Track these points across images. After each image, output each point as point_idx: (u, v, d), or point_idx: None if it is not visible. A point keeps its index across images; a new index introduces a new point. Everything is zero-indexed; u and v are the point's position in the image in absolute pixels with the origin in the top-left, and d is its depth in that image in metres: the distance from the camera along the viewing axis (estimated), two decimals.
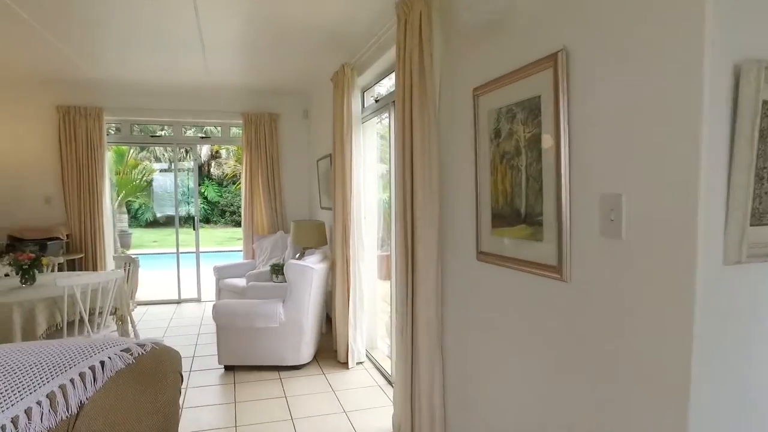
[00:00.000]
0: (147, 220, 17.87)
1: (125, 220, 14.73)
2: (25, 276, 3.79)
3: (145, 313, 6.12)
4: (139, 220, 18.05)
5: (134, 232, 15.07)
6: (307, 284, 3.98)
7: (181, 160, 18.86)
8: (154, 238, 16.19)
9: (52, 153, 5.94)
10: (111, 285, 3.64)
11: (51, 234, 5.58)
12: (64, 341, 1.96)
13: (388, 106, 3.80)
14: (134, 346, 1.92)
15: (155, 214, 17.54)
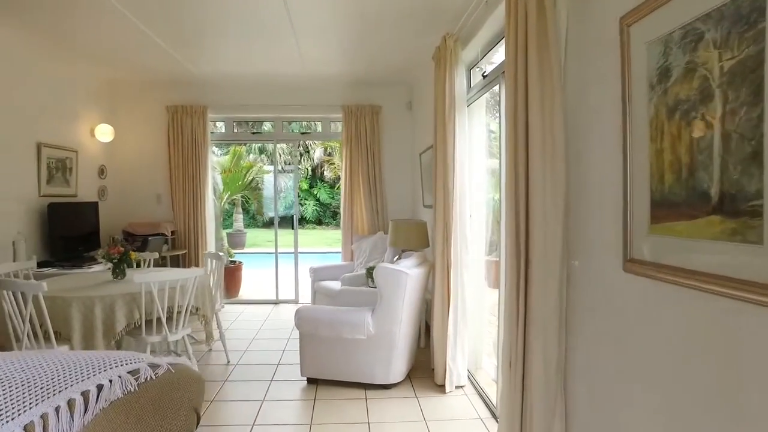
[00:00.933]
0: (263, 221, 18.70)
1: (241, 219, 15.49)
2: (116, 270, 3.70)
3: (241, 312, 6.01)
4: (257, 220, 18.97)
5: (249, 232, 15.82)
6: (400, 291, 3.42)
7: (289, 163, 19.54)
8: (269, 237, 16.82)
9: (163, 152, 6.07)
10: (190, 283, 3.39)
11: (157, 230, 5.67)
12: (67, 354, 1.59)
13: (498, 79, 3.11)
14: (145, 366, 1.47)
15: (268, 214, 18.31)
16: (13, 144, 4.33)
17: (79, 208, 5.11)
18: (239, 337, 4.90)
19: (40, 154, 4.64)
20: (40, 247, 4.62)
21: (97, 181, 5.73)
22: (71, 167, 5.14)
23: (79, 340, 3.13)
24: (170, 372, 1.45)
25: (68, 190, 5.10)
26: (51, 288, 3.37)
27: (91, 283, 3.59)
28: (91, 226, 5.30)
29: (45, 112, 4.75)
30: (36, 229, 4.59)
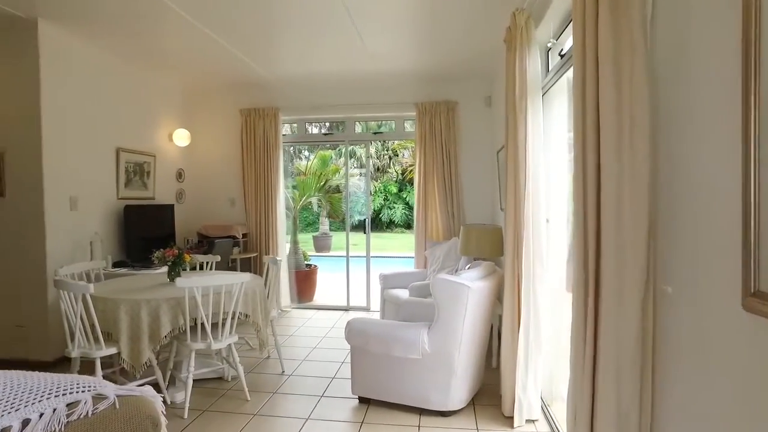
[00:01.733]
0: (352, 224, 18.88)
1: (327, 222, 15.67)
2: (171, 273, 3.65)
3: (310, 318, 5.85)
4: (345, 223, 19.23)
5: (335, 235, 15.97)
6: (459, 307, 2.99)
7: (378, 168, 19.50)
8: (354, 241, 16.89)
9: (237, 155, 6.12)
10: (235, 289, 3.22)
11: (229, 233, 5.70)
12: (11, 376, 1.39)
13: None
14: (88, 399, 1.22)
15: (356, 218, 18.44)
16: (94, 149, 4.51)
17: (154, 211, 5.25)
18: (300, 345, 4.72)
19: (119, 158, 4.81)
20: (117, 248, 4.78)
21: (175, 184, 5.89)
22: (149, 171, 5.30)
23: (126, 343, 3.08)
24: (114, 408, 1.18)
25: (146, 192, 5.26)
26: (105, 289, 3.39)
27: (148, 285, 3.56)
28: (167, 227, 5.43)
29: (124, 118, 4.92)
30: (114, 230, 4.76)
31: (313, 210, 17.89)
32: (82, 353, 3.06)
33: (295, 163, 18.10)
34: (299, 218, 20.37)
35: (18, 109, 4.00)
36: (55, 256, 4.03)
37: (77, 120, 4.30)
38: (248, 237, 6.06)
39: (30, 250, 4.00)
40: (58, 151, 4.09)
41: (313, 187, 7.11)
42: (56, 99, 4.06)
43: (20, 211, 4.01)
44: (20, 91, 3.99)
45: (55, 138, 4.06)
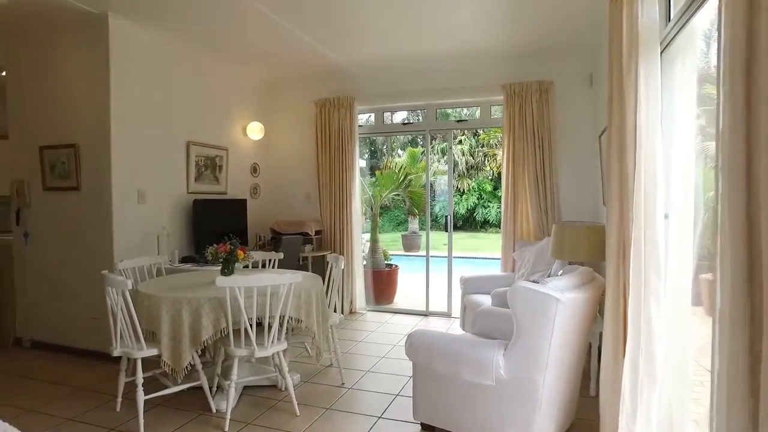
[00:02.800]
0: (442, 223, 18.26)
1: (416, 221, 15.17)
2: (224, 270, 3.39)
3: (384, 323, 5.42)
4: (438, 223, 18.64)
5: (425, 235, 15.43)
6: (546, 323, 2.36)
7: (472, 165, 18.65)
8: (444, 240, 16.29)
9: (312, 148, 5.87)
10: (283, 290, 2.86)
11: (301, 229, 5.44)
12: None
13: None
14: None
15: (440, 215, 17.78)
16: (163, 142, 4.45)
17: (226, 205, 5.12)
18: (368, 353, 4.29)
19: (189, 152, 4.72)
20: (185, 243, 4.69)
21: (250, 179, 5.77)
22: (221, 165, 5.19)
23: (168, 344, 2.84)
24: None
25: (217, 187, 5.15)
26: (154, 286, 3.19)
27: (200, 283, 3.33)
28: (239, 223, 5.29)
29: (195, 112, 4.84)
30: (183, 225, 4.67)
31: (404, 208, 17.54)
32: (125, 352, 2.86)
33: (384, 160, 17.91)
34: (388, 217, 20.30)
35: (90, 103, 4.00)
36: (122, 250, 3.98)
37: (147, 113, 4.24)
38: (322, 234, 5.77)
39: (100, 244, 3.98)
40: (127, 144, 4.04)
41: (394, 182, 6.68)
42: (125, 92, 4.01)
43: (92, 204, 4.02)
44: (91, 85, 3.99)
45: (124, 131, 4.01)
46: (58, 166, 4.13)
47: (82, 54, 4.04)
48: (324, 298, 3.45)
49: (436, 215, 18.48)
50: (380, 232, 7.11)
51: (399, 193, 7.05)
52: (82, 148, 4.03)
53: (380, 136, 18.07)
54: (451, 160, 6.09)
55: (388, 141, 19.08)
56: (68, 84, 4.12)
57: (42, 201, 4.28)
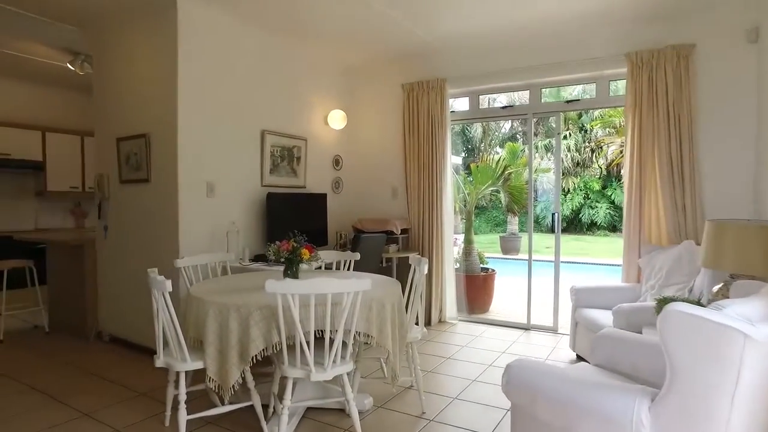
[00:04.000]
0: (548, 224, 16.88)
1: (516, 222, 14.06)
2: (287, 272, 2.92)
3: (478, 336, 4.69)
4: (540, 224, 17.28)
5: (524, 237, 14.28)
6: (724, 370, 1.54)
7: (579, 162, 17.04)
8: (547, 243, 14.98)
9: (399, 138, 5.31)
10: (347, 300, 2.30)
11: (385, 227, 4.90)
12: None
13: None
14: None
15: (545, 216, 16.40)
16: (235, 131, 4.13)
17: (304, 200, 4.73)
18: (456, 374, 3.62)
19: (264, 142, 4.37)
20: (258, 240, 4.35)
21: (331, 172, 5.34)
22: (299, 156, 4.81)
23: (214, 357, 2.41)
24: None
25: (295, 180, 4.77)
26: (207, 287, 2.81)
27: (259, 285, 2.88)
28: (319, 220, 4.88)
29: (271, 99, 4.49)
30: (255, 221, 4.34)
31: (503, 209, 16.44)
32: (167, 363, 2.48)
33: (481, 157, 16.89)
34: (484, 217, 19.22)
35: (159, 90, 3.78)
36: (189, 246, 3.70)
37: (217, 100, 3.94)
38: (409, 233, 5.19)
39: (167, 239, 3.73)
40: (196, 133, 3.76)
41: (492, 176, 5.91)
42: (194, 78, 3.74)
43: (161, 197, 3.78)
44: (160, 71, 3.76)
45: (193, 119, 3.73)
46: (132, 158, 3.96)
47: (152, 40, 3.83)
48: (402, 308, 2.84)
49: (538, 216, 17.16)
50: (476, 233, 6.36)
51: (497, 188, 6.24)
52: (152, 138, 3.82)
53: (476, 127, 17.19)
54: (559, 148, 5.19)
55: (485, 137, 18.10)
56: (140, 71, 3.95)
57: (118, 194, 4.16)
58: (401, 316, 2.81)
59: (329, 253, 3.63)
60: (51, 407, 3.02)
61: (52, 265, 4.83)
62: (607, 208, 17.02)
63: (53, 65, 5.45)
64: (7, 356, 4.04)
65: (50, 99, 6.53)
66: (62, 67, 5.37)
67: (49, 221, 6.60)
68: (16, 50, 5.04)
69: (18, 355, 4.08)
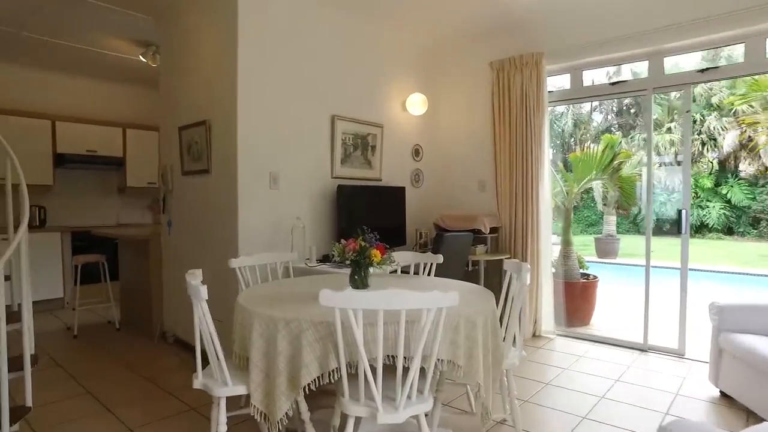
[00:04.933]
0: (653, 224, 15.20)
1: (613, 222, 12.64)
2: (354, 277, 2.41)
3: (581, 356, 3.91)
4: (638, 225, 15.61)
5: (624, 238, 12.85)
6: None
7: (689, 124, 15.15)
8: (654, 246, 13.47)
9: (487, 124, 4.65)
10: (426, 318, 1.72)
11: (472, 225, 4.27)
12: None
13: None
14: None
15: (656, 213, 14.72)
16: (302, 117, 3.71)
17: (379, 194, 4.22)
18: (559, 406, 2.92)
19: (334, 128, 3.92)
20: (326, 238, 3.89)
21: (411, 163, 4.79)
22: (374, 145, 4.30)
23: (259, 382, 1.94)
24: None
25: (370, 171, 4.28)
26: (258, 293, 2.36)
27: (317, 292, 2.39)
28: (396, 216, 4.35)
29: (342, 81, 4.03)
30: (324, 216, 3.89)
31: (597, 208, 15.01)
32: (204, 385, 2.05)
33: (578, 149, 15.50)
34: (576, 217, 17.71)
35: (219, 73, 3.43)
36: (249, 244, 3.32)
37: (282, 82, 3.54)
38: (499, 232, 4.52)
39: (227, 235, 3.38)
40: (258, 119, 3.37)
41: (596, 165, 5.05)
42: (255, 58, 3.35)
43: (221, 189, 3.44)
44: (220, 52, 3.41)
45: (254, 103, 3.35)
46: (193, 147, 3.66)
47: (212, 18, 3.51)
48: (497, 327, 2.22)
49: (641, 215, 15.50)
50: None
51: (602, 180, 5.34)
52: (213, 125, 3.48)
53: (566, 120, 15.87)
54: (689, 128, 4.22)
55: (576, 131, 16.69)
56: (202, 55, 3.64)
57: (180, 186, 3.90)
58: (496, 337, 2.19)
59: (406, 254, 3.07)
60: (98, 416, 2.78)
61: (123, 261, 4.72)
62: (721, 208, 15.04)
63: (128, 61, 5.42)
64: (77, 354, 3.92)
65: (129, 95, 6.58)
66: (137, 63, 5.32)
67: (130, 217, 6.65)
68: (91, 45, 5.01)
69: (85, 353, 3.95)
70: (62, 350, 4.03)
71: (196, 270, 2.12)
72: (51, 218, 5.91)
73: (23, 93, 5.75)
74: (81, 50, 5.15)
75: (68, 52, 5.21)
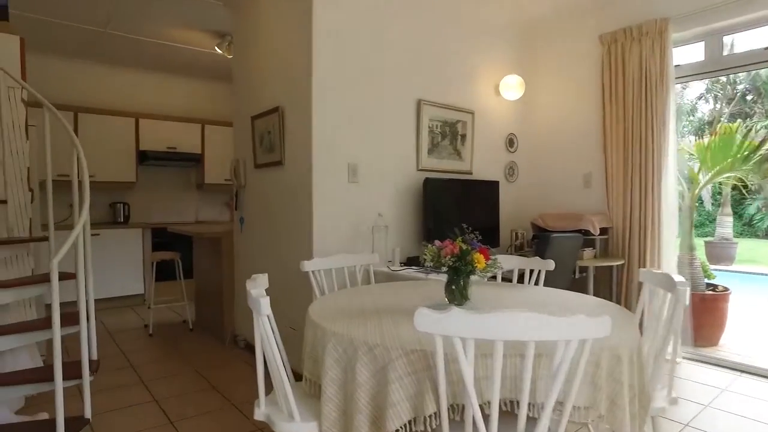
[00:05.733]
0: None
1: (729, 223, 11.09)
2: (451, 287, 1.94)
3: (722, 391, 3.15)
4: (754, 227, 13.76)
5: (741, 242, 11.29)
6: None
7: None
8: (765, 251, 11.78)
9: (595, 109, 4.00)
10: (567, 351, 1.21)
11: (577, 225, 3.65)
12: None
13: None
14: None
15: None
16: (383, 101, 3.29)
17: (469, 189, 3.71)
18: None
19: (420, 114, 3.47)
20: (411, 238, 3.45)
21: (504, 154, 4.23)
22: (464, 134, 3.80)
23: (335, 420, 1.51)
24: None
25: (459, 163, 3.78)
26: (329, 306, 1.95)
27: (411, 306, 1.95)
28: (489, 215, 3.82)
29: (427, 61, 3.56)
30: (409, 213, 3.45)
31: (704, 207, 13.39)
32: (268, 418, 1.67)
33: None
34: None
35: (292, 55, 3.10)
36: (325, 244, 2.95)
37: (361, 62, 3.14)
38: (610, 234, 3.85)
39: (300, 233, 3.03)
40: (334, 103, 3.00)
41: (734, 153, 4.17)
42: (332, 36, 2.99)
43: (294, 182, 3.10)
44: (295, 34, 3.07)
45: (330, 85, 2.99)
46: (265, 138, 3.37)
47: None
48: (643, 363, 1.65)
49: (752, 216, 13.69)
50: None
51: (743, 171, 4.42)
52: (286, 112, 3.16)
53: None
54: None
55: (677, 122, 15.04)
56: (274, 38, 3.33)
57: (253, 181, 3.62)
58: (642, 375, 1.63)
59: (510, 258, 2.55)
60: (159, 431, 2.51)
61: (198, 259, 4.57)
62: None
63: (205, 55, 5.34)
64: (149, 354, 3.78)
65: (207, 91, 6.55)
66: (214, 57, 5.22)
67: (208, 214, 6.61)
68: (170, 39, 4.96)
69: (157, 354, 3.80)
70: (136, 350, 3.91)
71: (260, 275, 1.74)
72: (134, 215, 5.96)
73: (110, 92, 5.85)
74: (160, 46, 5.13)
75: (148, 48, 5.21)
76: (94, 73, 5.73)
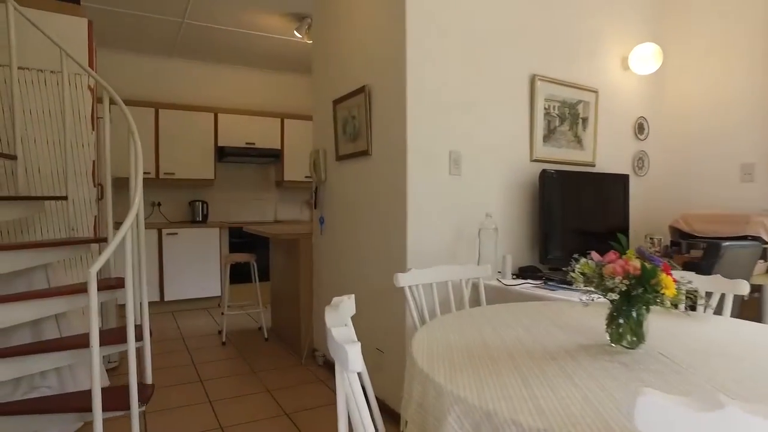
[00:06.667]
0: None
1: None
2: (615, 322, 1.32)
3: None
4: None
5: None
6: None
7: None
8: None
9: (757, 84, 3.13)
10: None
11: (739, 230, 2.82)
12: None
13: None
14: None
15: None
16: (490, 76, 2.67)
17: (592, 184, 2.99)
18: None
19: (534, 92, 2.82)
20: (525, 243, 2.81)
21: (633, 142, 3.45)
22: (586, 117, 3.09)
23: None
24: None
25: (580, 153, 3.08)
26: (442, 341, 1.38)
27: (552, 347, 1.34)
28: (616, 214, 3.08)
29: (546, 30, 2.90)
30: (521, 212, 2.81)
31: None
32: None
33: None
34: None
35: (381, 27, 2.57)
36: (422, 250, 2.39)
37: (463, 30, 2.55)
38: None
39: (392, 237, 2.50)
40: (431, 80, 2.44)
41: None
42: (425, 4, 2.42)
43: (383, 175, 2.58)
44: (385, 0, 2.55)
45: (426, 60, 2.43)
46: (349, 124, 2.88)
47: None
48: None
49: None
50: None
51: None
52: (373, 93, 2.64)
53: None
54: None
55: None
56: (359, 12, 2.82)
57: (335, 174, 3.15)
58: None
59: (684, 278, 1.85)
60: None
61: (274, 261, 4.20)
62: None
63: (283, 45, 5.03)
64: (220, 368, 3.43)
65: (286, 84, 6.28)
66: (293, 46, 4.90)
67: (288, 213, 6.32)
68: (247, 27, 4.66)
69: (229, 368, 3.43)
70: (207, 360, 3.59)
71: (343, 299, 1.20)
72: (212, 213, 5.78)
73: (188, 86, 5.72)
74: (238, 36, 4.87)
75: (226, 39, 4.98)
76: (172, 68, 5.62)
